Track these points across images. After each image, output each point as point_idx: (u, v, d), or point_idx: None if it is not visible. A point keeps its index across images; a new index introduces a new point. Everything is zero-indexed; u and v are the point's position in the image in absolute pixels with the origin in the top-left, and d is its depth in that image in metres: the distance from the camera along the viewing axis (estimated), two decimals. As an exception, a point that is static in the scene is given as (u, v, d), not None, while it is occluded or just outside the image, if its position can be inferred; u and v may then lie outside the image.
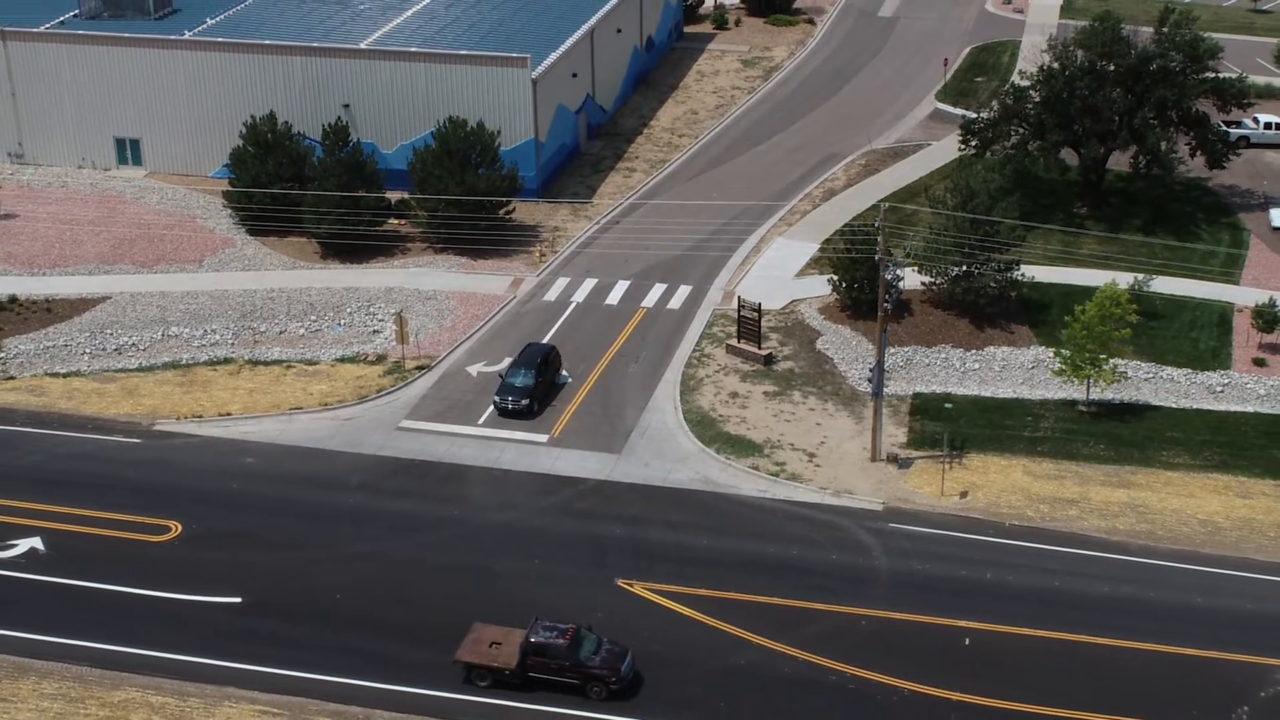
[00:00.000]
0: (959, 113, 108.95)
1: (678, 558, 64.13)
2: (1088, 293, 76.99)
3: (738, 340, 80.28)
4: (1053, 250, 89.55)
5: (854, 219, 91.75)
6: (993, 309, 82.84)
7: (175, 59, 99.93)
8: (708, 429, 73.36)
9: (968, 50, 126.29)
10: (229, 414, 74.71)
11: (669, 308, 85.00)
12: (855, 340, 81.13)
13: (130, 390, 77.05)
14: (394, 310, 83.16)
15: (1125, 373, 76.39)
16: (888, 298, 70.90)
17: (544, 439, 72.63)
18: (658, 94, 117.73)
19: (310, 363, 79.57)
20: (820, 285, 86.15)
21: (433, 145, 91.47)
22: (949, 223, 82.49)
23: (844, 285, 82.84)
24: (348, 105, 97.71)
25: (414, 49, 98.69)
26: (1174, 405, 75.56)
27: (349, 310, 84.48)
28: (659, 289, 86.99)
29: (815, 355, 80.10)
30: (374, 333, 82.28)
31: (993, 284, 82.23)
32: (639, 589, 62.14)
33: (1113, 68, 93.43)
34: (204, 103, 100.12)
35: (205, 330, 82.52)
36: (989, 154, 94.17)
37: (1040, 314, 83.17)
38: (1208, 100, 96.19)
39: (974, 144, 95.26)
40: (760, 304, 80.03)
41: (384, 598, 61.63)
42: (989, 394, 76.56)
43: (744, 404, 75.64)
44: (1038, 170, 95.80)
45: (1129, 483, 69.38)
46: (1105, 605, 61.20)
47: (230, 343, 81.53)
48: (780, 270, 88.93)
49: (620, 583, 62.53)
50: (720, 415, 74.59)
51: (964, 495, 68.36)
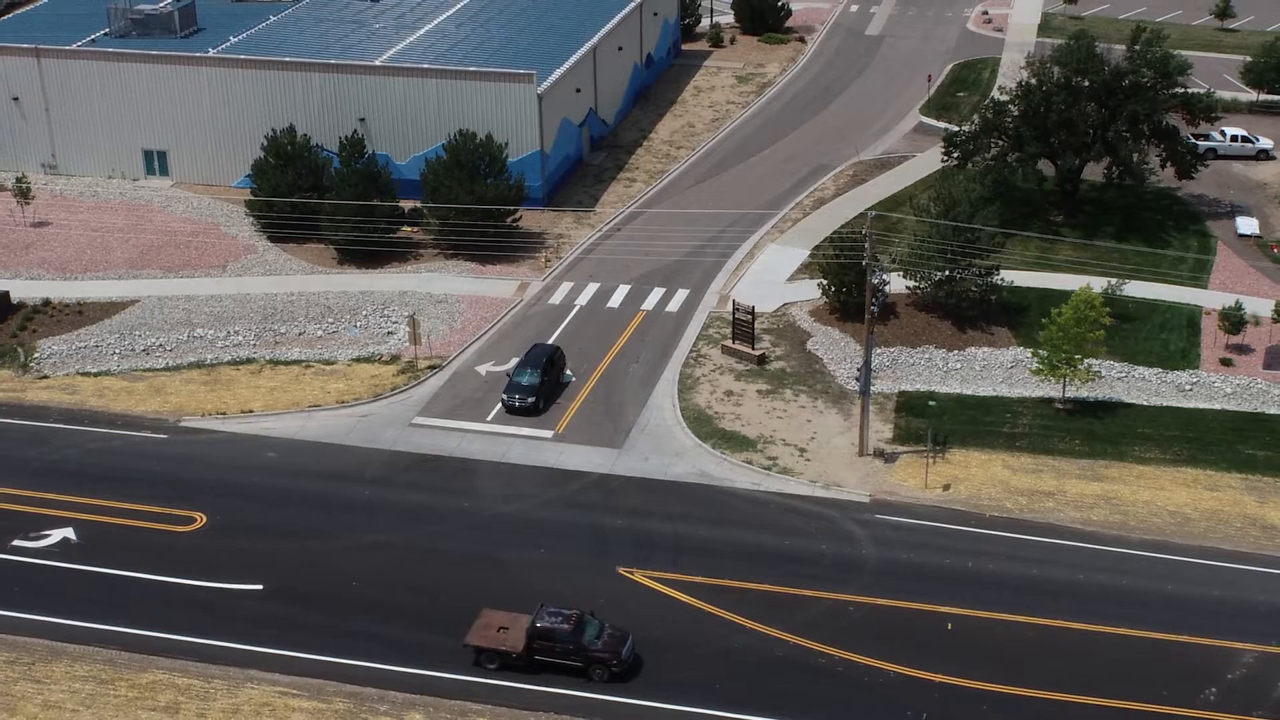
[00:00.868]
0: (942, 126, 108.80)
1: (676, 547, 64.13)
2: (1064, 296, 76.91)
3: (732, 341, 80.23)
4: (1030, 256, 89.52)
5: (842, 227, 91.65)
6: (974, 312, 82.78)
7: (200, 75, 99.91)
8: (704, 425, 73.32)
9: (950, 67, 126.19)
10: (251, 411, 74.68)
11: (667, 310, 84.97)
12: (844, 341, 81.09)
13: (157, 389, 77.03)
14: (407, 313, 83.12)
15: (1099, 372, 76.34)
16: (874, 301, 70.84)
17: (549, 435, 72.61)
18: (657, 108, 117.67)
19: (328, 363, 79.54)
20: (810, 289, 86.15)
21: (444, 157, 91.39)
22: (932, 230, 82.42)
23: (833, 289, 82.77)
24: (363, 119, 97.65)
25: (426, 66, 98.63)
26: (1145, 403, 75.52)
27: (364, 313, 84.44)
28: (658, 293, 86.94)
29: (806, 355, 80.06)
30: (388, 334, 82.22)
31: (974, 288, 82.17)
32: (639, 577, 62.12)
33: (1087, 84, 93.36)
34: (227, 117, 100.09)
35: (228, 332, 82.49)
36: (970, 165, 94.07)
37: (1019, 316, 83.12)
38: (1177, 114, 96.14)
39: (956, 155, 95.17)
40: (754, 307, 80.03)
41: (398, 585, 61.64)
42: (970, 392, 76.53)
43: (738, 402, 75.60)
44: (1016, 180, 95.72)
45: (1103, 476, 69.34)
46: (1080, 592, 61.19)
47: (252, 344, 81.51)
48: (773, 275, 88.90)
49: (621, 571, 62.51)
50: (716, 412, 74.56)
51: (946, 488, 68.32)
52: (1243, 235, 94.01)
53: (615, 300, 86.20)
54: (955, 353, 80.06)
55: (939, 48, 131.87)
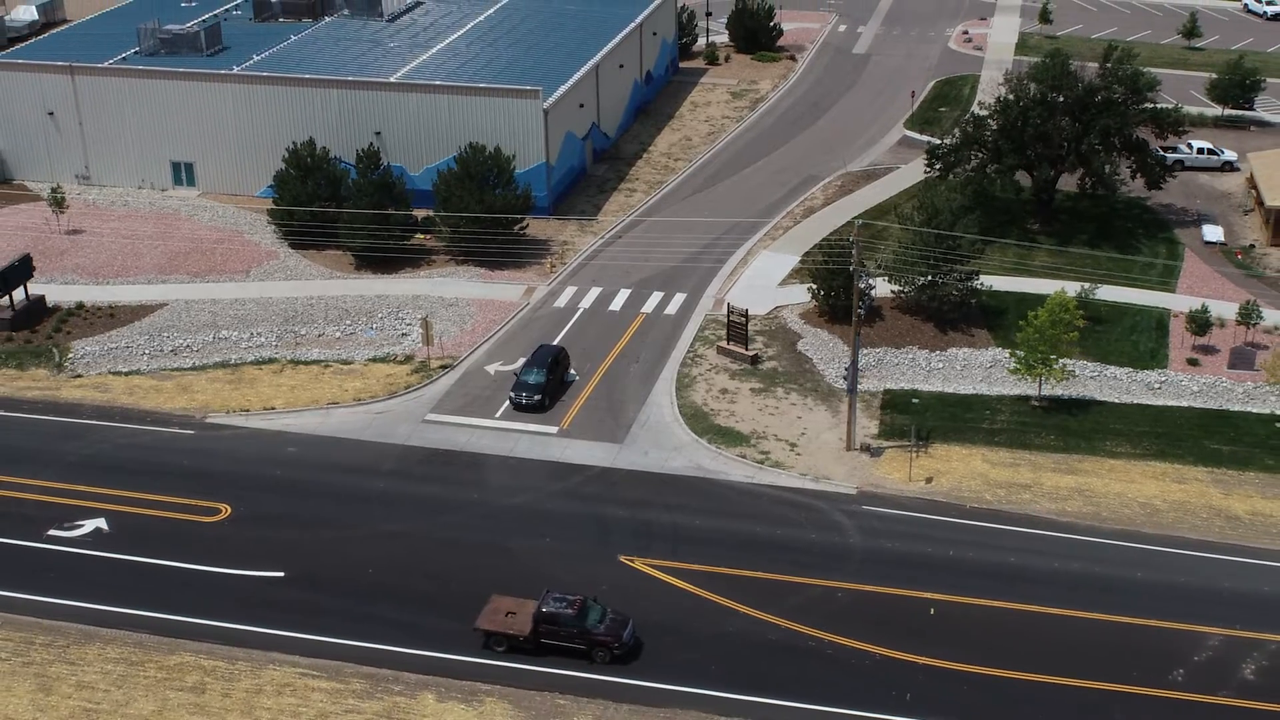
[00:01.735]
0: (925, 139, 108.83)
1: (674, 536, 64.14)
2: (1040, 300, 76.94)
3: (727, 342, 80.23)
4: (1008, 262, 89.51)
5: (831, 234, 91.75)
6: (955, 315, 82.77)
7: (225, 91, 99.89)
8: (700, 421, 73.32)
9: (932, 84, 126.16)
10: (273, 408, 74.68)
11: (666, 313, 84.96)
12: (832, 342, 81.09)
13: (185, 387, 77.03)
14: (420, 315, 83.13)
15: (1073, 371, 76.34)
16: (861, 304, 70.84)
17: (554, 430, 72.60)
18: (656, 122, 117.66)
19: (345, 362, 79.53)
20: (801, 293, 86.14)
21: (455, 168, 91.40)
22: (916, 237, 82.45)
23: (822, 293, 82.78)
24: (379, 132, 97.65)
25: (438, 82, 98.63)
26: (1117, 400, 75.53)
27: (380, 315, 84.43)
28: (657, 296, 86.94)
29: (796, 356, 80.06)
30: (402, 336, 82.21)
31: (955, 292, 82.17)
32: (639, 564, 62.13)
33: (1062, 99, 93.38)
34: (250, 130, 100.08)
35: (252, 333, 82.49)
36: (951, 176, 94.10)
37: (997, 319, 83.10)
38: (1147, 128, 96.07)
39: (938, 167, 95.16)
40: (747, 310, 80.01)
41: (411, 572, 61.66)
42: (951, 390, 76.52)
43: (733, 399, 75.59)
44: (995, 191, 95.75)
45: (1076, 469, 69.35)
46: (1055, 579, 61.22)
47: (274, 344, 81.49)
48: (765, 280, 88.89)
49: (622, 559, 62.53)
50: (712, 409, 74.55)
51: (929, 481, 68.33)
52: (1208, 242, 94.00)
53: (616, 303, 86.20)
54: (937, 353, 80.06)
55: (922, 65, 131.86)
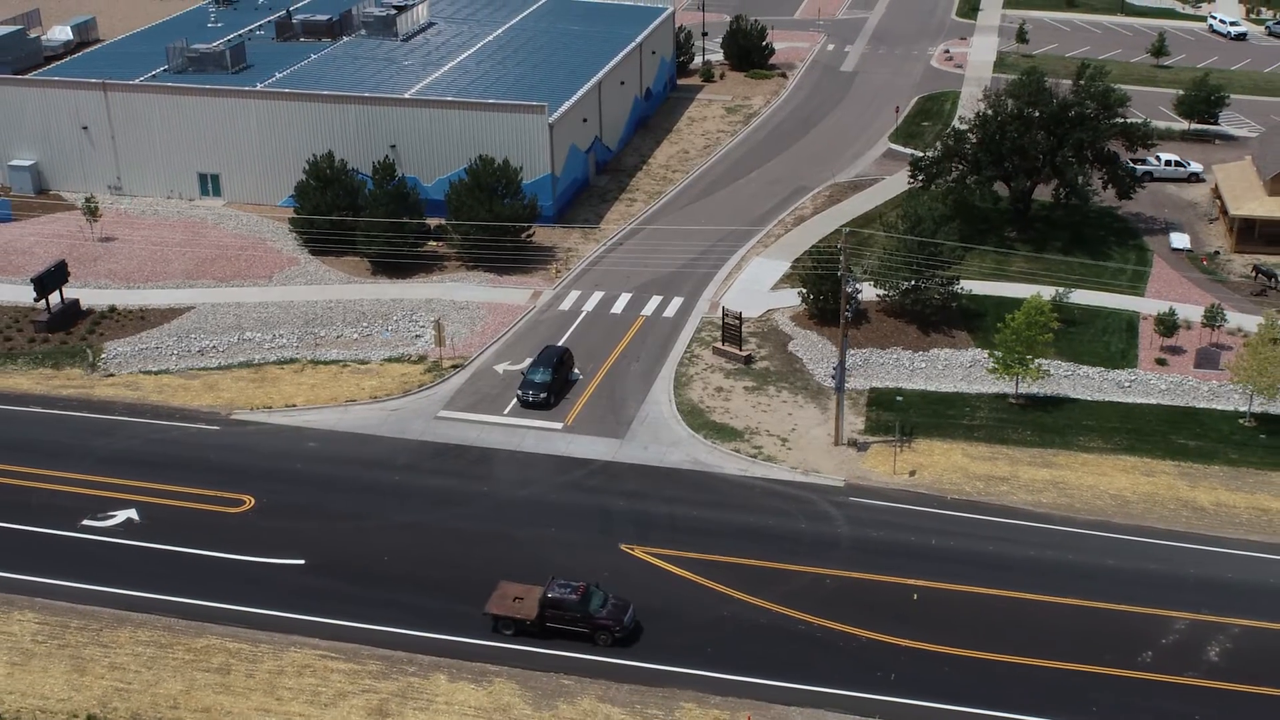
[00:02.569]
0: (908, 152, 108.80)
1: (672, 526, 64.08)
2: (1017, 303, 76.87)
3: (722, 343, 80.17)
4: (987, 268, 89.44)
5: (820, 241, 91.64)
6: (937, 317, 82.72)
7: (249, 107, 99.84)
8: (697, 418, 73.26)
9: (916, 99, 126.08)
10: (294, 405, 74.63)
11: (664, 316, 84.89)
12: (821, 343, 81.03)
13: (211, 385, 76.98)
14: (433, 318, 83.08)
15: (1048, 371, 76.29)
16: (848, 307, 70.85)
17: (559, 426, 72.54)
18: (655, 136, 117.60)
19: (362, 362, 79.48)
20: (791, 297, 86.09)
21: (465, 179, 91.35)
22: (900, 244, 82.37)
23: (812, 297, 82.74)
24: (394, 146, 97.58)
25: (450, 98, 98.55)
26: (1089, 398, 75.48)
27: (395, 318, 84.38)
28: (656, 300, 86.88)
29: (787, 356, 80.00)
30: (416, 337, 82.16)
31: (936, 296, 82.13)
32: (639, 552, 62.09)
33: (1037, 114, 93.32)
34: (273, 143, 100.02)
35: (274, 335, 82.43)
36: (933, 186, 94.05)
37: (976, 321, 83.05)
38: (1118, 141, 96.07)
39: (921, 178, 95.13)
40: (741, 313, 79.94)
41: (424, 560, 61.62)
42: (934, 388, 76.46)
43: (727, 397, 75.54)
44: (974, 200, 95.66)
45: (1051, 463, 69.30)
46: (1031, 566, 61.17)
47: (295, 345, 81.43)
48: (758, 284, 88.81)
49: (623, 547, 62.47)
50: (707, 406, 74.49)
51: (912, 474, 68.28)
52: (1176, 249, 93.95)
53: (618, 307, 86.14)
54: (920, 354, 80.00)
55: (906, 82, 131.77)
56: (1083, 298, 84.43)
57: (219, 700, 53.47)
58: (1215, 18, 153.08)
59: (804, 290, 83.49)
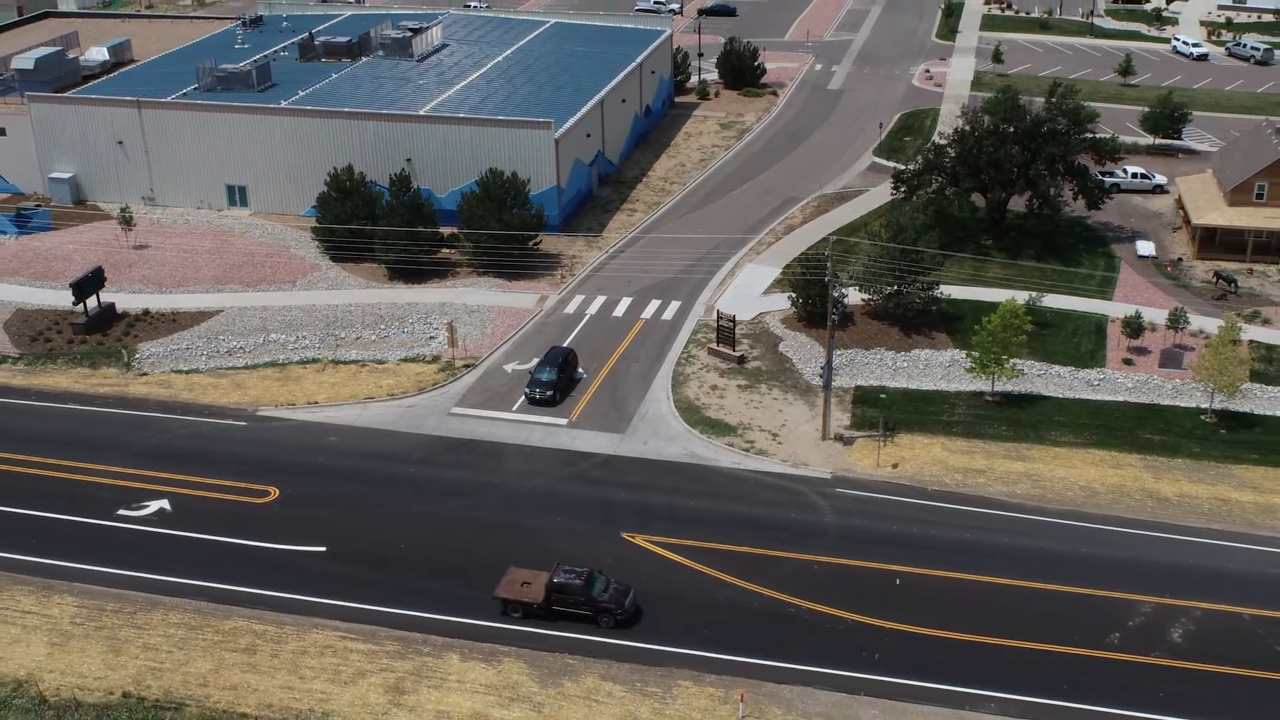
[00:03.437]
0: (891, 165, 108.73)
1: (670, 516, 64.08)
2: (993, 307, 76.86)
3: (717, 344, 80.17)
4: (965, 274, 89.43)
5: (808, 249, 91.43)
6: (918, 320, 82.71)
7: (274, 123, 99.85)
8: (693, 414, 73.27)
9: (898, 116, 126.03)
10: (316, 402, 74.65)
11: (663, 319, 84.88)
12: (809, 344, 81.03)
13: (238, 384, 77.00)
14: (446, 321, 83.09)
15: (1022, 370, 76.30)
16: (835, 311, 70.86)
17: (564, 422, 72.55)
18: (654, 150, 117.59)
19: (380, 362, 79.49)
20: (782, 301, 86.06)
21: (477, 191, 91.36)
22: (883, 252, 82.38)
23: (800, 301, 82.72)
24: (409, 159, 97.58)
25: (462, 115, 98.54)
26: (1061, 395, 75.48)
27: (411, 321, 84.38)
28: (655, 304, 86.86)
29: (778, 356, 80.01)
30: (430, 338, 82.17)
31: (917, 300, 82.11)
32: (640, 540, 62.11)
33: (1012, 130, 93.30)
34: (296, 157, 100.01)
35: (297, 336, 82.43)
36: (915, 198, 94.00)
37: (955, 324, 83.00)
38: (1087, 155, 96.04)
39: (903, 190, 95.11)
40: (734, 316, 79.98)
41: (438, 547, 61.64)
42: (915, 387, 76.46)
43: (722, 394, 75.55)
44: (953, 210, 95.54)
45: (1025, 456, 69.31)
46: (1006, 553, 61.18)
47: (317, 346, 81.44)
48: (750, 289, 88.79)
49: (624, 535, 62.49)
50: (703, 403, 74.50)
51: (895, 466, 68.29)
52: (1142, 256, 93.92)
53: (619, 310, 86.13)
54: (902, 354, 80.00)
55: (889, 100, 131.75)
56: (1054, 302, 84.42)
57: (246, 679, 53.51)
58: (1179, 40, 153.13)
59: (793, 294, 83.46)
